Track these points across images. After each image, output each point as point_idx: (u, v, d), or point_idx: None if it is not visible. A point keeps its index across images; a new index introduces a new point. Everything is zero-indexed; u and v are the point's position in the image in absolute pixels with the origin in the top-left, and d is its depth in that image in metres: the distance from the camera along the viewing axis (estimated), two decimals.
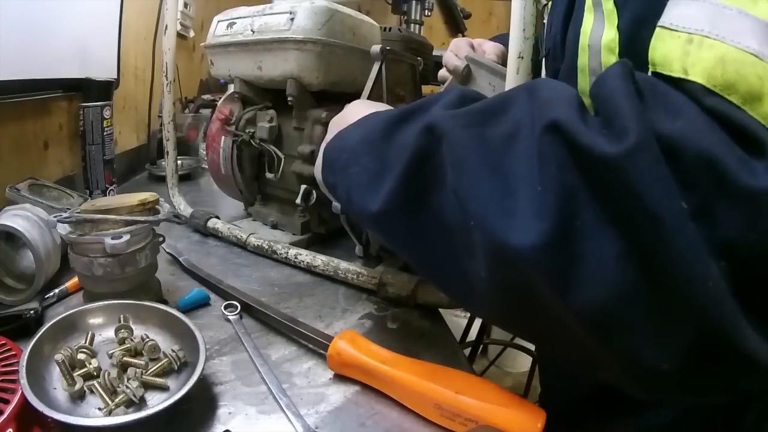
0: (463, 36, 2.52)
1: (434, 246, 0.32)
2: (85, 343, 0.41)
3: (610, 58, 0.40)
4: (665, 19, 0.28)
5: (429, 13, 1.82)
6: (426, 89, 0.81)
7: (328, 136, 0.45)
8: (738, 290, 0.22)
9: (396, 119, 0.35)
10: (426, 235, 0.33)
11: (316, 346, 0.45)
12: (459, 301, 0.35)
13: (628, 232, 0.23)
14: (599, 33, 0.41)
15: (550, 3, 0.58)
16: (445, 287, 0.35)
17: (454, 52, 0.65)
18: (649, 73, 0.28)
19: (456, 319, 1.77)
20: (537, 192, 0.25)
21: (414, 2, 1.71)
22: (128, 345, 0.41)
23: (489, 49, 0.68)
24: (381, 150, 0.34)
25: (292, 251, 0.64)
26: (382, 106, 0.45)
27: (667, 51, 0.27)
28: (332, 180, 0.39)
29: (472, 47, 0.67)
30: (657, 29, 0.28)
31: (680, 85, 0.25)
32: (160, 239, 0.53)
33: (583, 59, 0.43)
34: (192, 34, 1.55)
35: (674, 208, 0.22)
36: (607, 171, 0.23)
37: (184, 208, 0.78)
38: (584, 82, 0.44)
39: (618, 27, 0.40)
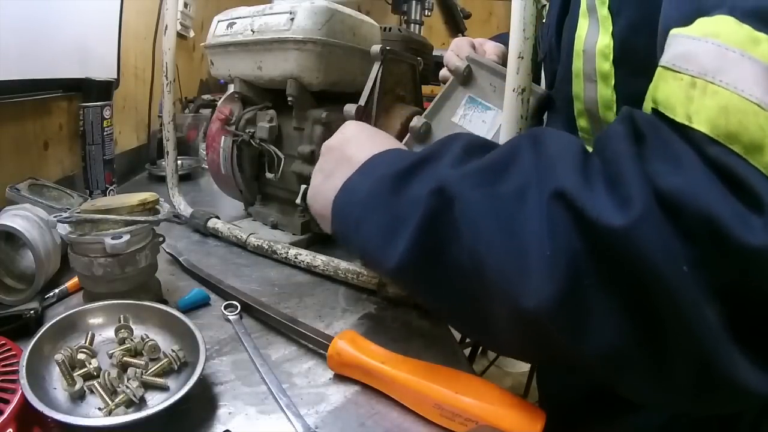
0: (463, 36, 2.52)
1: (454, 295, 0.34)
2: (85, 343, 0.41)
3: (604, 65, 0.40)
4: (668, 57, 0.28)
5: (429, 13, 1.82)
6: (426, 89, 0.81)
7: (323, 160, 0.45)
8: (733, 327, 0.23)
9: (404, 173, 0.35)
10: (444, 285, 0.34)
11: (316, 346, 0.45)
12: (480, 340, 0.38)
13: (632, 290, 0.25)
14: (594, 39, 0.41)
15: (549, 3, 0.58)
16: (468, 330, 0.37)
17: (455, 52, 0.65)
18: (651, 110, 0.28)
19: None
20: (546, 256, 0.26)
21: (414, 2, 1.72)
22: (128, 345, 0.41)
23: (490, 49, 0.68)
24: (392, 206, 0.35)
25: (292, 251, 0.64)
26: (382, 138, 0.45)
27: (670, 93, 0.27)
28: (346, 234, 0.40)
29: (473, 47, 0.67)
30: (659, 69, 0.28)
31: (684, 131, 0.25)
32: (160, 239, 0.53)
33: (577, 64, 0.43)
34: (192, 34, 1.55)
35: (677, 272, 0.23)
36: (613, 240, 0.24)
37: (184, 208, 0.78)
38: (579, 87, 0.44)
39: (612, 34, 0.40)
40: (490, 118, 0.53)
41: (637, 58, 0.33)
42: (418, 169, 0.35)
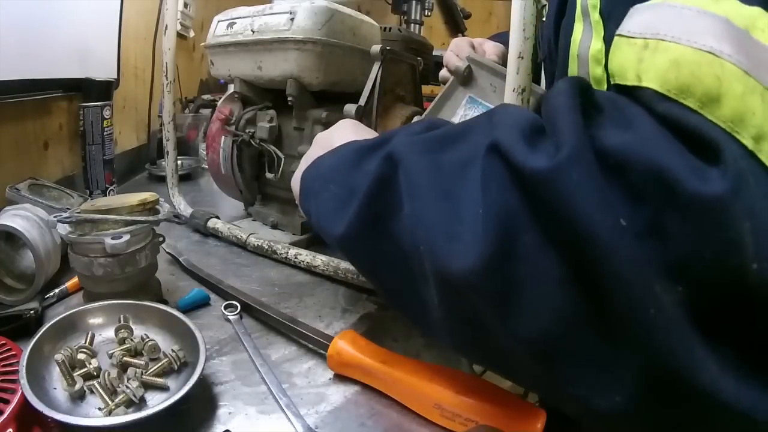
0: (463, 36, 2.52)
1: (394, 272, 0.33)
2: (85, 343, 0.41)
3: (596, 70, 0.40)
4: (623, 27, 0.26)
5: (429, 13, 1.82)
6: (426, 89, 0.81)
7: (311, 150, 0.46)
8: (699, 319, 0.20)
9: (367, 148, 0.36)
10: (386, 261, 0.33)
11: (316, 346, 0.45)
12: (419, 328, 0.36)
13: (568, 254, 0.22)
14: (587, 43, 0.41)
15: (548, 3, 0.58)
16: (407, 314, 0.36)
17: (454, 52, 0.65)
18: (611, 86, 0.27)
19: None
20: (479, 214, 0.24)
21: (414, 2, 1.72)
22: (128, 345, 0.41)
23: (489, 48, 0.68)
24: (349, 177, 0.35)
25: (292, 251, 0.64)
26: (369, 133, 0.46)
27: (623, 59, 0.25)
28: (307, 206, 0.40)
29: (473, 47, 0.67)
30: (615, 39, 0.27)
31: (634, 93, 0.24)
32: (160, 239, 0.53)
33: (573, 68, 0.43)
34: (192, 34, 1.55)
35: (608, 223, 0.20)
36: (540, 187, 0.22)
37: (184, 208, 0.78)
38: None
39: (604, 38, 0.40)
40: None
41: None
42: (380, 144, 0.35)
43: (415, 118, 0.55)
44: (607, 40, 0.39)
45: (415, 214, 0.28)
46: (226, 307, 0.51)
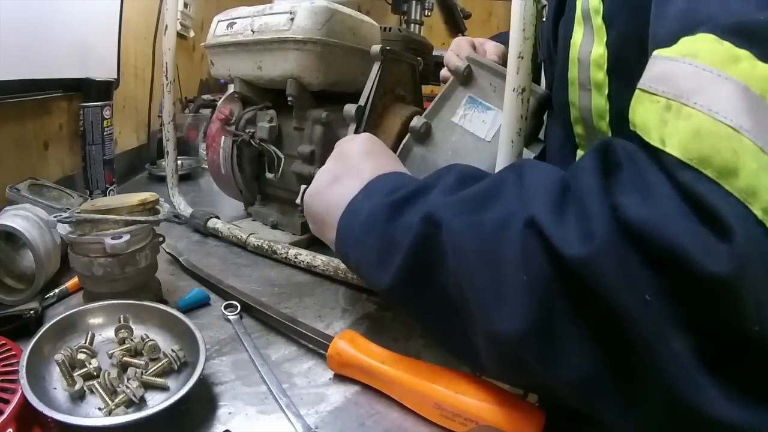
0: (463, 36, 2.52)
1: (442, 318, 0.35)
2: (85, 343, 0.41)
3: (598, 74, 0.40)
4: (645, 79, 0.28)
5: (429, 13, 1.82)
6: (426, 89, 0.81)
7: (333, 163, 0.46)
8: (709, 361, 0.23)
9: (401, 201, 0.37)
10: (432, 306, 0.35)
11: (316, 346, 0.45)
12: (468, 365, 0.38)
13: (599, 318, 0.26)
14: (588, 48, 0.41)
15: (548, 3, 0.58)
16: (455, 353, 0.38)
17: (455, 52, 0.65)
18: (632, 133, 0.29)
19: None
20: (523, 281, 0.27)
21: (414, 2, 1.72)
22: (128, 345, 0.41)
23: (490, 49, 0.68)
24: (387, 231, 0.37)
25: (292, 251, 0.64)
26: (388, 154, 0.47)
27: (646, 116, 0.27)
28: (344, 251, 0.42)
29: (473, 47, 0.67)
30: (637, 91, 0.28)
31: (657, 155, 0.25)
32: (160, 239, 0.53)
33: (573, 72, 0.44)
34: (192, 34, 1.55)
35: (635, 299, 0.23)
36: (576, 269, 0.25)
37: (184, 208, 0.78)
38: (574, 95, 0.45)
39: (606, 44, 0.40)
40: (490, 119, 0.53)
41: (630, 69, 0.33)
42: (413, 198, 0.37)
43: (415, 118, 0.55)
44: (609, 46, 0.39)
45: (462, 274, 0.31)
46: (226, 307, 0.51)
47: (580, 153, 0.48)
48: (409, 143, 0.55)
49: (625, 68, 0.38)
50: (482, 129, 0.53)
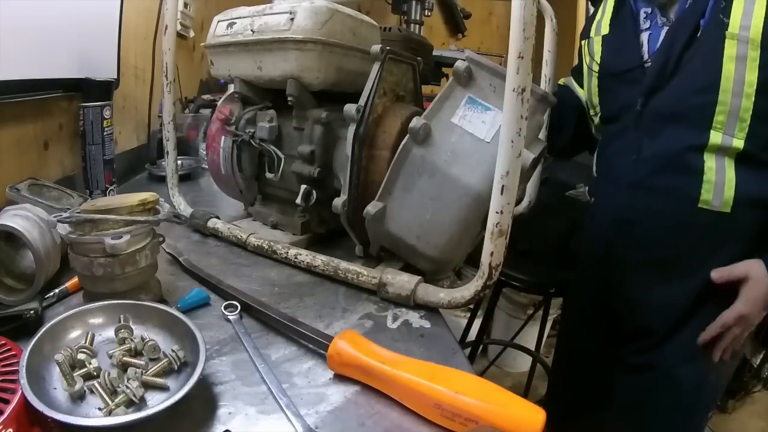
0: (463, 36, 2.53)
1: None
2: (85, 343, 0.41)
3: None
4: None
5: (429, 13, 1.82)
6: (426, 89, 0.81)
7: None
8: None
9: None
10: None
11: (316, 346, 0.45)
12: None
13: None
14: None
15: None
16: None
17: None
18: None
19: (456, 319, 1.76)
20: None
21: (414, 2, 1.72)
22: (128, 345, 0.41)
23: None
24: None
25: (292, 251, 0.64)
26: None
27: None
28: None
29: None
30: None
31: None
32: (160, 239, 0.53)
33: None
34: (192, 34, 1.55)
35: None
36: None
37: (184, 208, 0.78)
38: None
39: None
40: (489, 119, 0.53)
41: None
42: None
43: (415, 119, 0.55)
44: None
45: None
46: (226, 307, 0.51)
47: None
48: (408, 144, 0.55)
49: None
50: (482, 129, 0.53)
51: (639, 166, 0.74)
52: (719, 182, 0.67)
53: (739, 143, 0.65)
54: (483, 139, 0.52)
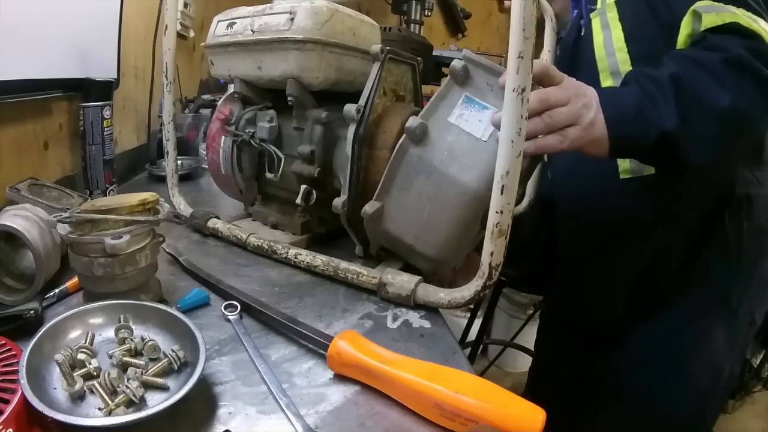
0: (463, 36, 2.53)
1: None
2: (85, 343, 0.41)
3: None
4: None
5: (429, 13, 1.82)
6: (426, 89, 0.81)
7: None
8: None
9: None
10: None
11: (316, 346, 0.45)
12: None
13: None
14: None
15: None
16: None
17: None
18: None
19: (456, 319, 1.77)
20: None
21: (414, 2, 1.72)
22: (128, 345, 0.41)
23: None
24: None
25: (292, 251, 0.64)
26: None
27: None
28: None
29: None
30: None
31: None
32: (160, 239, 0.53)
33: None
34: (192, 34, 1.55)
35: None
36: None
37: (184, 208, 0.78)
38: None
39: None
40: (486, 118, 0.53)
41: None
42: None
43: (411, 119, 0.55)
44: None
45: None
46: (226, 307, 0.51)
47: None
48: (405, 144, 0.55)
49: None
50: (479, 128, 0.53)
51: (562, 157, 0.77)
52: None
53: None
54: (480, 138, 0.52)
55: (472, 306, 1.57)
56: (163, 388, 0.38)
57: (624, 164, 0.69)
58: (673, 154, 0.54)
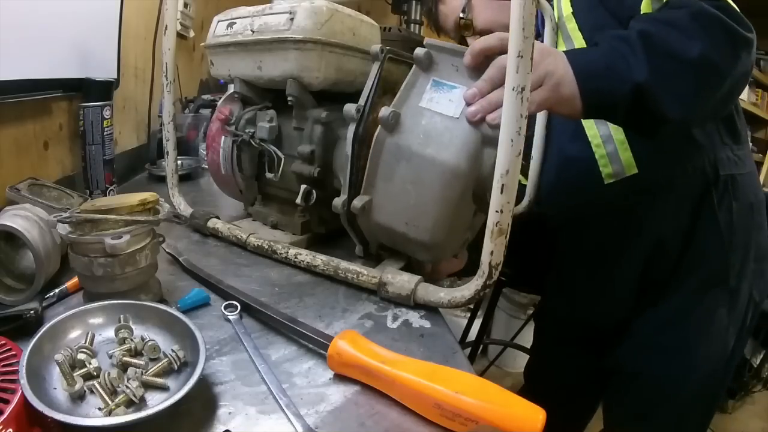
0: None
1: None
2: (85, 343, 0.41)
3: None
4: None
5: None
6: None
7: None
8: None
9: None
10: None
11: (316, 346, 0.45)
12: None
13: None
14: None
15: None
16: None
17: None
18: None
19: (456, 319, 1.77)
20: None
21: (414, 2, 1.71)
22: (128, 345, 0.41)
23: None
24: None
25: (292, 251, 0.64)
26: None
27: None
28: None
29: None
30: None
31: None
32: (160, 239, 0.53)
33: None
34: (192, 34, 1.55)
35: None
36: None
37: (184, 208, 0.78)
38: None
39: None
40: (456, 96, 0.54)
41: None
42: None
43: (383, 108, 0.55)
44: None
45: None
46: (226, 307, 0.51)
47: None
48: (381, 135, 0.56)
49: None
50: (450, 108, 0.54)
51: (547, 166, 0.78)
52: (611, 151, 0.69)
53: None
54: (452, 116, 0.53)
55: (472, 306, 1.57)
56: (163, 388, 0.38)
57: (606, 169, 0.70)
58: (647, 109, 0.53)
